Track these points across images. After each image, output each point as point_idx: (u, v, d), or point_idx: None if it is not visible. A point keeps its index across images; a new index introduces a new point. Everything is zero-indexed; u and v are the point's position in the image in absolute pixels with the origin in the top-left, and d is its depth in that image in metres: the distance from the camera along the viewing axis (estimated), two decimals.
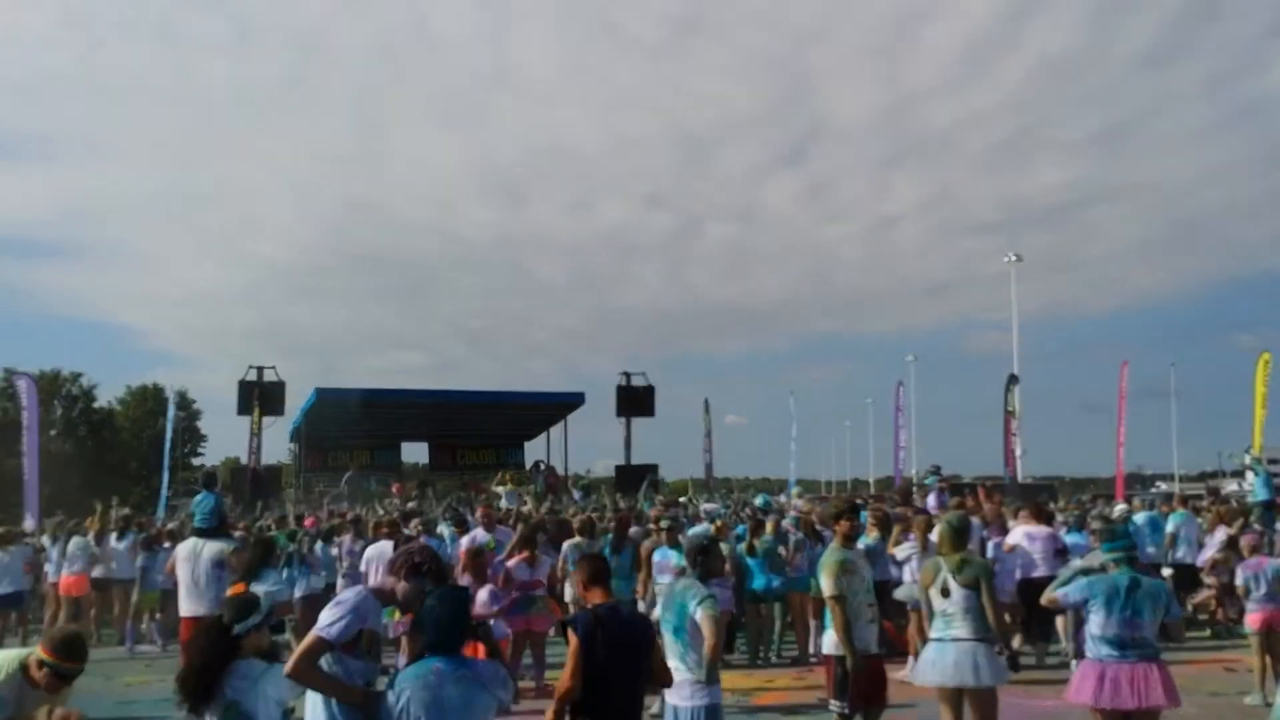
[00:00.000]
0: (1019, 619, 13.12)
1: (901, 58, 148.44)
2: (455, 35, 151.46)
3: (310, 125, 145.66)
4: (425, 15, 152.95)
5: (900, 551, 12.00)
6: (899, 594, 11.45)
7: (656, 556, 11.92)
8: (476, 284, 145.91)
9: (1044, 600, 7.48)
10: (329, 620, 4.53)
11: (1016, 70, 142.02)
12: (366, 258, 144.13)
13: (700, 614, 6.08)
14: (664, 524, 12.57)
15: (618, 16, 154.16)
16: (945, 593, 7.48)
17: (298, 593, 12.99)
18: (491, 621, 8.24)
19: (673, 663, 6.05)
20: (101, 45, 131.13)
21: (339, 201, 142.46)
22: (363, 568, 12.89)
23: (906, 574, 11.63)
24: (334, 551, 15.10)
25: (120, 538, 16.78)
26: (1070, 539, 13.82)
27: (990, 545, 13.45)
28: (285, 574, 12.09)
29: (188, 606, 9.26)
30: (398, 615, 11.56)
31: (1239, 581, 11.02)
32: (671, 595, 6.42)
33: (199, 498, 10.79)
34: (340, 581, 13.96)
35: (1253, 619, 10.68)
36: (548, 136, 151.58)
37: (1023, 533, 13.47)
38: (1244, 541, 12.24)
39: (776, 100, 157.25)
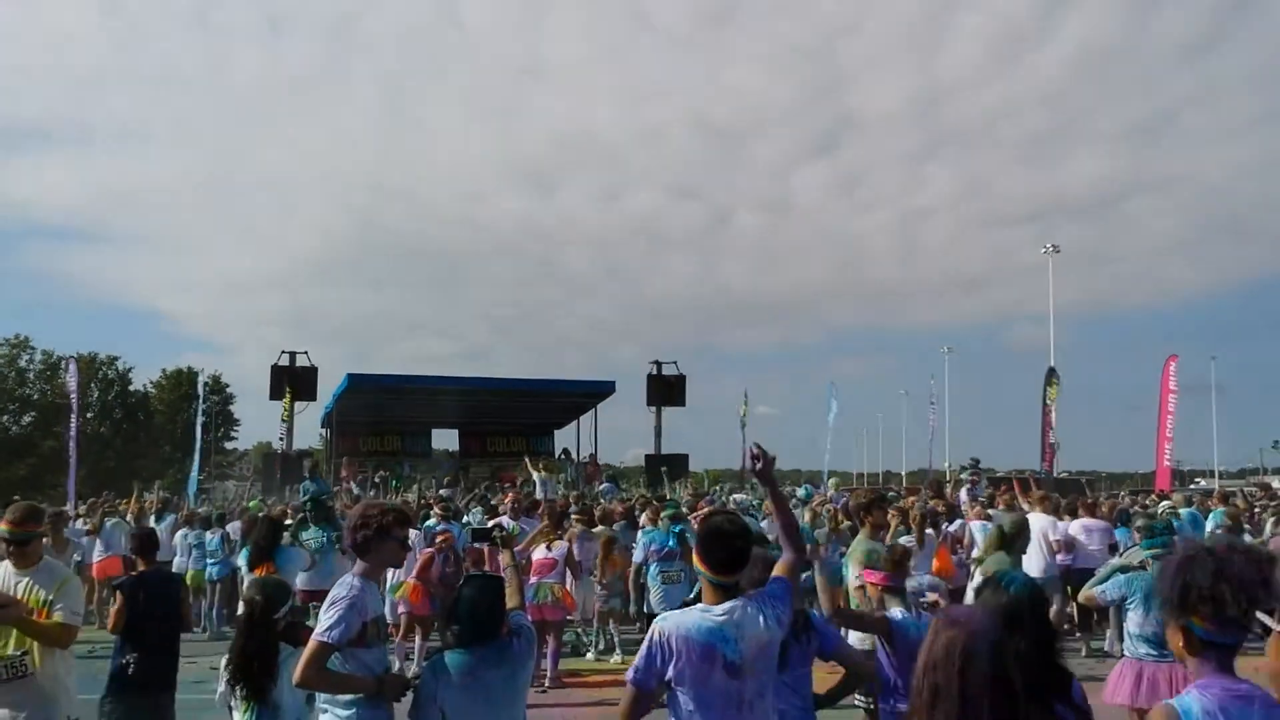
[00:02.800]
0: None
1: (934, 48, 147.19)
2: (486, 25, 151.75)
3: (342, 114, 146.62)
4: (456, 5, 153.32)
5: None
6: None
7: (644, 539, 12.23)
8: (506, 273, 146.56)
9: (1081, 597, 7.40)
10: (329, 623, 4.42)
11: (1051, 61, 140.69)
12: (397, 246, 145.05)
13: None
14: (666, 511, 12.66)
15: (648, 6, 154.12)
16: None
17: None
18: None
19: None
20: (136, 35, 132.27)
21: (370, 190, 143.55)
22: None
23: None
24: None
25: (158, 520, 16.91)
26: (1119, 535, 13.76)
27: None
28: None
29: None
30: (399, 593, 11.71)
31: None
32: None
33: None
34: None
35: None
36: (577, 126, 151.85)
37: (1080, 526, 13.71)
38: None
39: (807, 91, 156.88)
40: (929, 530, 12.29)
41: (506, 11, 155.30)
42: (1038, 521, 13.72)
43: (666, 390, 34.29)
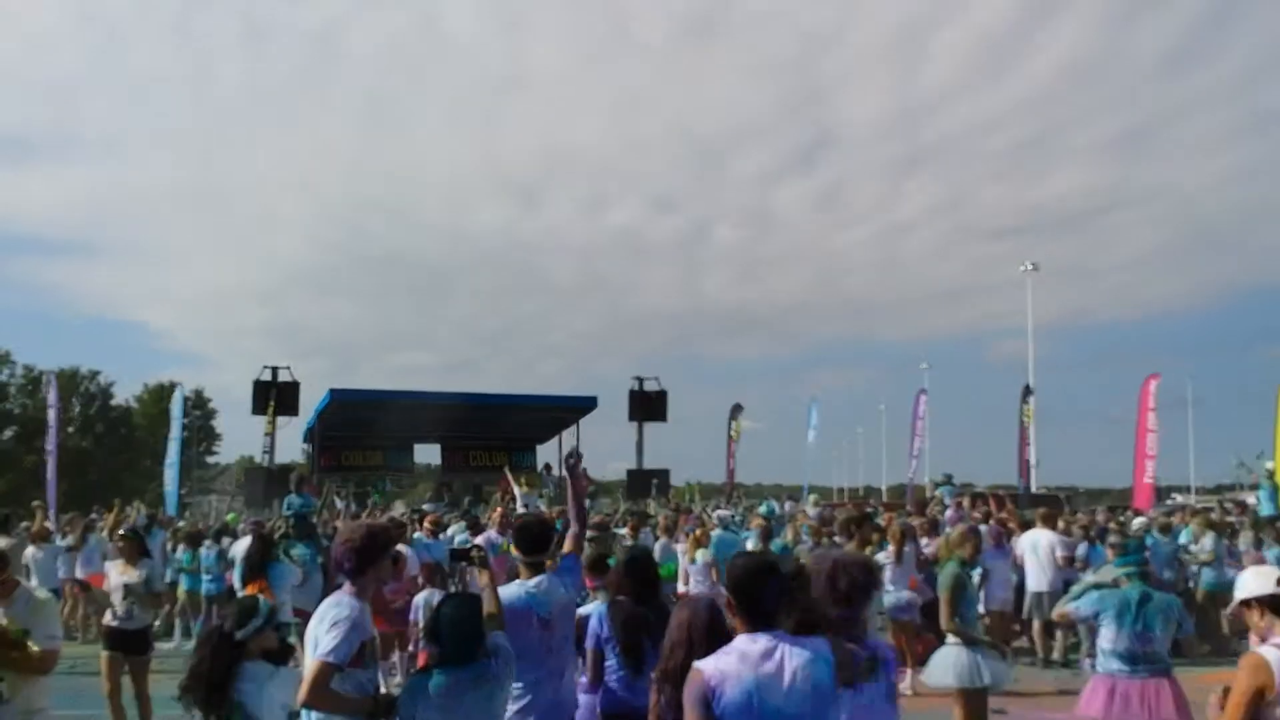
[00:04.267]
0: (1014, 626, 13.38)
1: (914, 62, 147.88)
2: (468, 35, 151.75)
3: (324, 125, 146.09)
4: (437, 16, 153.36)
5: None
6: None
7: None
8: (488, 285, 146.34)
9: (1055, 615, 7.53)
10: (332, 643, 4.46)
11: (1031, 74, 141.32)
12: (380, 258, 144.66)
13: None
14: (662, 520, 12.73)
15: (628, 18, 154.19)
16: None
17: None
18: None
19: None
20: (116, 43, 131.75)
21: (352, 201, 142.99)
22: None
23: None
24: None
25: (146, 536, 16.89)
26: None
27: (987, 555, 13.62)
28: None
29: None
30: None
31: None
32: None
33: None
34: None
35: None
36: (558, 137, 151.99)
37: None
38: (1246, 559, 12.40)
39: (787, 103, 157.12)
40: (906, 548, 12.50)
41: (489, 22, 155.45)
42: (1045, 537, 14.08)
43: (648, 405, 34.39)
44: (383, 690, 4.83)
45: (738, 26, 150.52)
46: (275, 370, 31.05)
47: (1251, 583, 4.49)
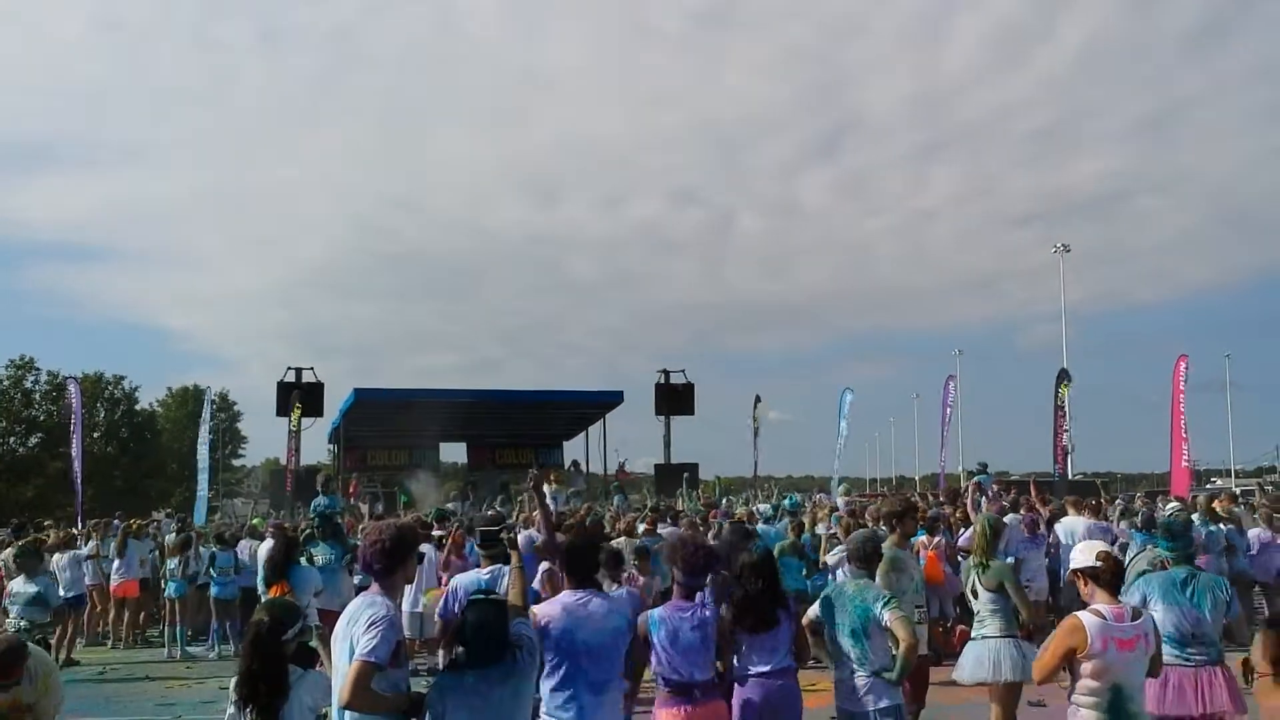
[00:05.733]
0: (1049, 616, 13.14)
1: (936, 47, 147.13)
2: (487, 33, 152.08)
3: (345, 126, 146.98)
4: (456, 15, 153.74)
5: (831, 557, 11.89)
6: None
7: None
8: (511, 282, 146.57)
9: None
10: (372, 643, 4.42)
11: (1054, 58, 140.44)
12: (402, 257, 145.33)
13: (890, 616, 5.94)
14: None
15: (648, 11, 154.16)
16: (974, 593, 7.63)
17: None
18: None
19: (847, 667, 6.01)
20: (138, 51, 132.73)
21: (374, 201, 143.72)
22: None
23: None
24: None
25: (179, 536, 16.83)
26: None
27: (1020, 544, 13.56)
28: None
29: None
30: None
31: None
32: (845, 596, 6.21)
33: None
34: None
35: None
36: (579, 133, 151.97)
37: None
38: None
39: (808, 93, 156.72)
40: (935, 537, 12.30)
41: (508, 19, 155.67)
42: (1081, 523, 13.92)
43: (675, 399, 34.17)
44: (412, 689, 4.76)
45: (756, 17, 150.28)
46: (299, 371, 31.05)
47: (1079, 556, 5.32)
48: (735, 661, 6.03)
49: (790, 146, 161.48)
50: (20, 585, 10.49)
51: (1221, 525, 14.63)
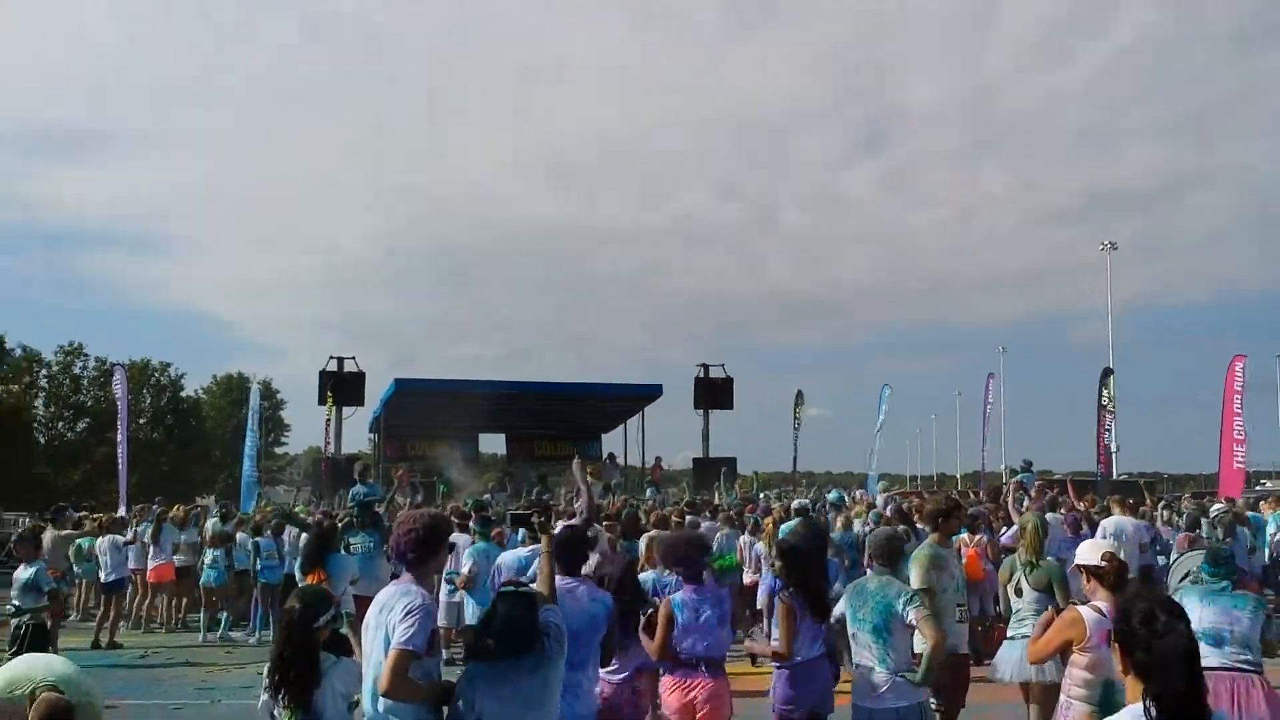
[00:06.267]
0: None
1: (982, 42, 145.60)
2: (525, 23, 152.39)
3: (385, 117, 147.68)
4: (488, 5, 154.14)
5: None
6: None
7: None
8: (549, 275, 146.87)
9: None
10: (409, 631, 4.44)
11: (1099, 54, 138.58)
12: (445, 248, 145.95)
13: (915, 614, 5.91)
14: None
15: (685, 3, 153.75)
16: (1019, 592, 7.56)
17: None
18: None
19: (868, 663, 5.98)
20: (182, 45, 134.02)
21: (413, 193, 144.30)
22: None
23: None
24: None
25: (224, 524, 17.04)
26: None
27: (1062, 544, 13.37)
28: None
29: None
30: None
31: None
32: (866, 592, 6.17)
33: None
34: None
35: None
36: (618, 126, 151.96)
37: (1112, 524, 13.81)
38: None
39: (851, 87, 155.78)
40: (977, 535, 12.23)
41: (544, 11, 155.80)
42: (1129, 524, 13.82)
43: (714, 393, 34.00)
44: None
45: (795, 9, 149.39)
46: (341, 361, 31.20)
47: (1085, 554, 5.53)
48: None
49: (832, 140, 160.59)
50: (21, 571, 10.66)
51: (1246, 528, 14.56)
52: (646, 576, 7.87)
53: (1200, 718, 2.79)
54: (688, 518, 14.82)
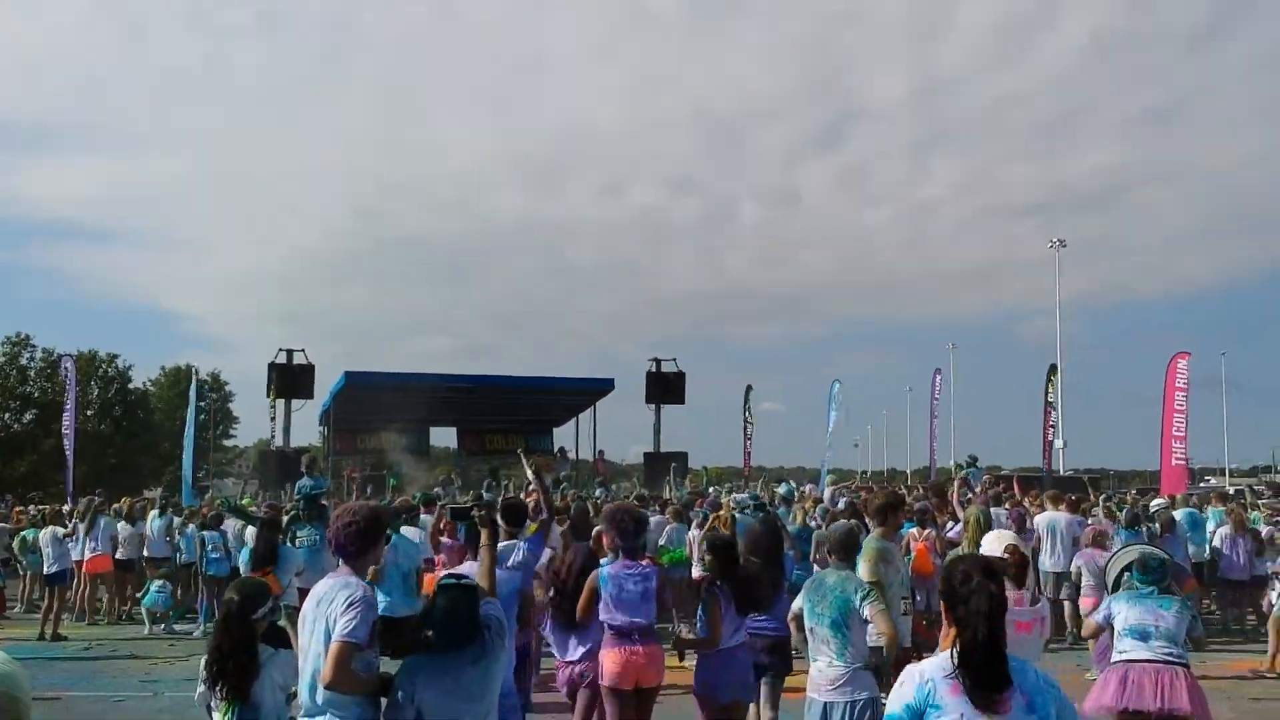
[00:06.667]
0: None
1: (936, 37, 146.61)
2: (484, 19, 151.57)
3: (342, 110, 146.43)
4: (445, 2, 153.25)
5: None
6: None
7: None
8: (507, 268, 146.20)
9: (1085, 634, 7.33)
10: (352, 624, 4.45)
11: (1056, 49, 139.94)
12: (398, 241, 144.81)
13: (870, 609, 6.02)
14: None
15: None
16: None
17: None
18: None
19: (826, 658, 6.06)
20: (136, 35, 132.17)
21: (369, 186, 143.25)
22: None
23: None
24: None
25: (160, 517, 16.84)
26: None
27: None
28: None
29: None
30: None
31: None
32: (825, 587, 6.24)
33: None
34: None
35: (1086, 603, 12.14)
36: (577, 119, 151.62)
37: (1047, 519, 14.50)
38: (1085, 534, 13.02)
39: (809, 82, 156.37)
40: (925, 530, 12.35)
41: (505, 5, 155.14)
42: (1062, 518, 14.14)
43: (665, 387, 34.12)
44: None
45: (756, 3, 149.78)
46: (290, 353, 30.92)
47: (989, 545, 5.74)
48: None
49: (790, 135, 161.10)
50: None
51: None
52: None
53: (996, 661, 3.20)
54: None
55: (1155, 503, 17.20)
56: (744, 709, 7.13)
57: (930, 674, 3.32)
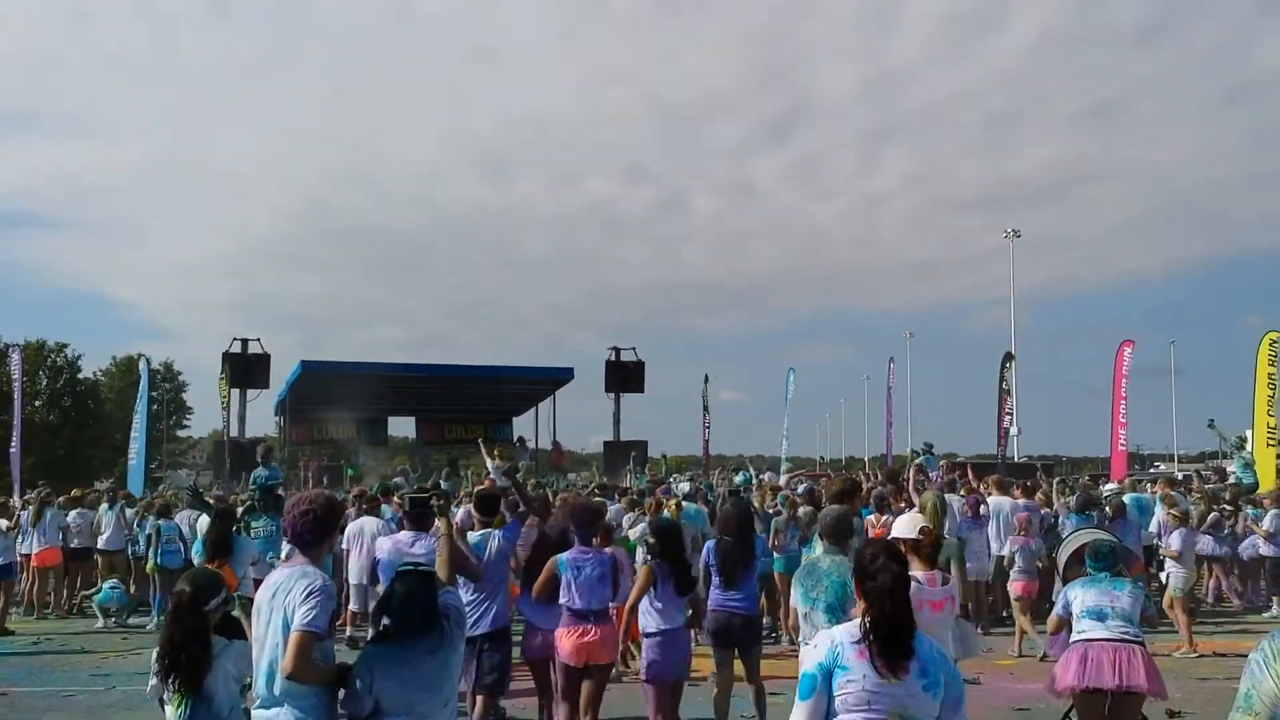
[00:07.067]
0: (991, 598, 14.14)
1: (887, 32, 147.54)
2: (438, 7, 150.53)
3: (293, 98, 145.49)
4: None
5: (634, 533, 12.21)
6: None
7: None
8: (461, 258, 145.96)
9: (1050, 629, 7.42)
10: (311, 613, 4.41)
11: (1004, 46, 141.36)
12: (350, 231, 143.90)
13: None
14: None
15: None
16: None
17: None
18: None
19: None
20: (83, 19, 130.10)
21: (322, 175, 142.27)
22: (343, 545, 12.74)
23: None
24: None
25: (110, 508, 16.62)
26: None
27: (962, 524, 14.04)
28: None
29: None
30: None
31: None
32: (819, 571, 6.23)
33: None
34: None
35: (1014, 587, 12.60)
36: (530, 109, 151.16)
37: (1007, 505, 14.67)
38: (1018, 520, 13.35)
39: (762, 75, 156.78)
40: (882, 515, 12.45)
41: None
42: (1007, 503, 14.40)
43: (625, 376, 34.15)
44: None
45: None
46: (245, 343, 30.61)
47: (902, 527, 5.77)
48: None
49: (742, 127, 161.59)
50: None
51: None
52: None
53: (900, 632, 3.65)
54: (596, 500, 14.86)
55: (1107, 488, 17.44)
56: (682, 685, 7.72)
57: (840, 638, 3.74)
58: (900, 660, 3.61)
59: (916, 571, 5.42)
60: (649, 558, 7.71)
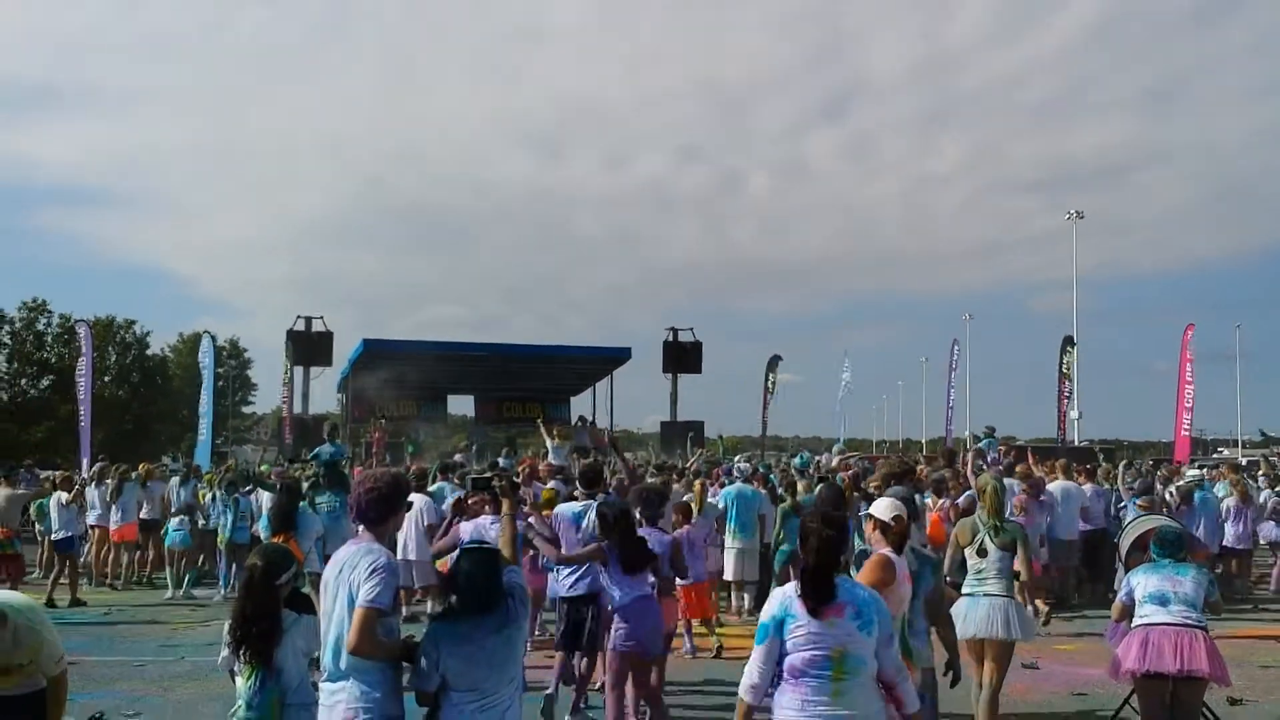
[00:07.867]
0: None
1: (944, 12, 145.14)
2: None
3: (349, 78, 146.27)
4: None
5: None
6: None
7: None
8: (515, 238, 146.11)
9: (1114, 616, 7.35)
10: (375, 590, 4.47)
11: (1061, 27, 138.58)
12: (406, 210, 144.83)
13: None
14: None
15: None
16: (982, 552, 7.62)
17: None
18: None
19: None
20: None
21: (378, 154, 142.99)
22: None
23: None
24: None
25: (183, 484, 17.00)
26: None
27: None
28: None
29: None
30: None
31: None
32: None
33: None
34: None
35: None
36: (582, 89, 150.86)
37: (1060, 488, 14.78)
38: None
39: (815, 53, 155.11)
40: (940, 499, 12.41)
41: None
42: (1072, 488, 14.42)
43: (682, 357, 34.13)
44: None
45: None
46: (309, 320, 31.04)
47: (880, 509, 5.75)
48: None
49: (795, 107, 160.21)
50: None
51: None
52: None
53: (821, 581, 4.34)
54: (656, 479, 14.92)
55: (1189, 472, 17.35)
56: (664, 661, 8.42)
57: (790, 592, 4.47)
58: (823, 604, 4.32)
59: (887, 550, 5.53)
60: (601, 539, 7.94)
